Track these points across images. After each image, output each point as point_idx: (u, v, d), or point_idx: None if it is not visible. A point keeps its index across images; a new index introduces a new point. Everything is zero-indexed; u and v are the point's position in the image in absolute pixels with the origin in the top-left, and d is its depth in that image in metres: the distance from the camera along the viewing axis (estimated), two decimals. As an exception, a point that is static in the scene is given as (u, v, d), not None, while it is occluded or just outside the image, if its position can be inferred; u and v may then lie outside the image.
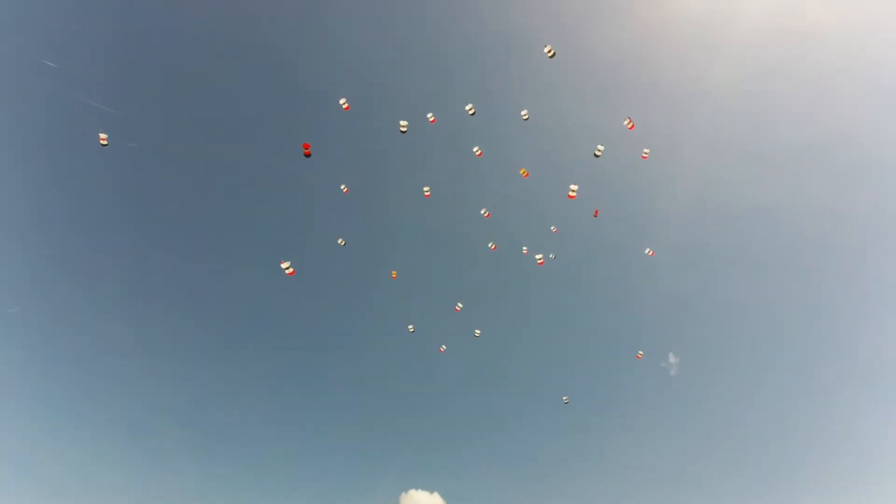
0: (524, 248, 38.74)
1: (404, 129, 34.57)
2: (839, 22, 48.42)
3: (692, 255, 64.44)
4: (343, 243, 38.13)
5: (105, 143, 32.12)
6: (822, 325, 63.71)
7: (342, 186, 36.68)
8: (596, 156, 34.21)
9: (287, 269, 33.81)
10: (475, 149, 36.51)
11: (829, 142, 54.00)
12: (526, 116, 35.40)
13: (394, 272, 40.44)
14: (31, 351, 53.19)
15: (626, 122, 33.96)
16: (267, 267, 58.12)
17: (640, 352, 44.73)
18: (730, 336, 67.17)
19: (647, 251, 39.01)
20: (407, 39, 54.42)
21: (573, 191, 34.47)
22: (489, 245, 39.55)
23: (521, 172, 37.12)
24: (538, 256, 37.82)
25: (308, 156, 33.84)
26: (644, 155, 35.51)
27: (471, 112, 35.35)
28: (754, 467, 59.16)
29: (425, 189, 37.08)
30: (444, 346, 42.83)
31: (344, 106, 34.77)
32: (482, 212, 38.66)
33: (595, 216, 37.66)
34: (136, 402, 57.27)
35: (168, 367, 60.10)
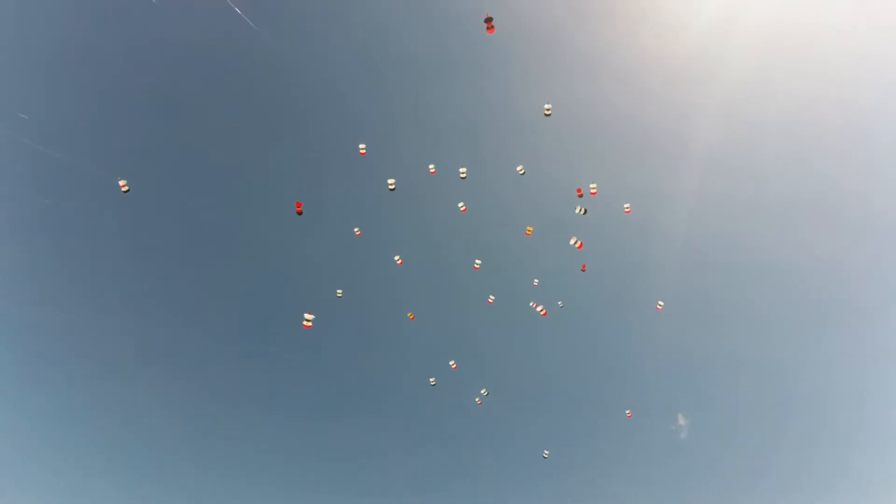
0: (532, 302, 37.98)
1: (392, 187, 35.23)
2: (833, 75, 49.74)
3: (694, 310, 63.43)
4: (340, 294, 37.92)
5: (126, 189, 32.51)
6: (829, 383, 61.81)
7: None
8: (583, 213, 34.70)
9: (307, 321, 33.31)
10: (460, 204, 36.96)
11: (830, 195, 54.60)
12: (522, 172, 36.28)
13: (411, 314, 39.82)
14: (30, 352, 53.32)
15: (591, 186, 34.28)
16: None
17: (628, 411, 42.51)
18: (740, 395, 64.55)
19: (657, 305, 37.99)
20: (404, 96, 56.64)
21: (581, 210, 34.51)
22: (488, 298, 38.89)
23: (527, 230, 37.07)
24: (539, 308, 37.17)
25: (300, 213, 34.43)
26: (627, 209, 35.73)
27: (462, 176, 35.99)
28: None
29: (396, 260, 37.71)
30: (454, 363, 40.70)
31: (361, 151, 35.72)
32: (476, 262, 38.53)
33: (583, 270, 37.59)
34: (136, 403, 56.70)
35: (172, 372, 58.86)
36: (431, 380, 39.58)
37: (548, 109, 33.66)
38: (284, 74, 50.79)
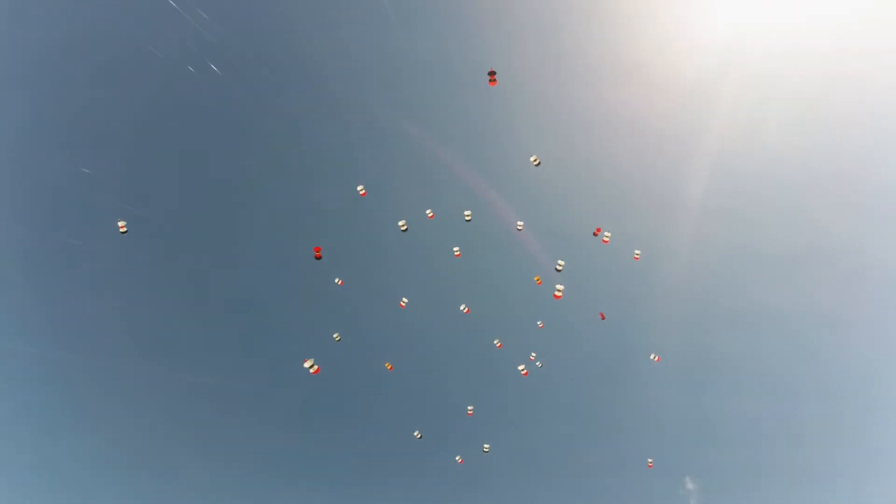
0: (532, 354, 37.39)
1: (404, 228, 35.73)
2: (827, 125, 50.84)
3: (697, 364, 62.02)
4: (338, 338, 37.35)
5: (124, 230, 32.90)
6: (839, 442, 59.49)
7: (336, 280, 36.88)
8: (557, 270, 34.90)
9: (311, 367, 31.63)
10: (455, 249, 37.29)
11: (831, 246, 54.83)
12: (520, 227, 37.23)
13: (388, 364, 38.80)
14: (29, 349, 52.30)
15: (598, 233, 34.84)
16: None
17: (650, 460, 42.80)
18: (750, 457, 61.81)
19: (652, 356, 36.84)
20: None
21: (559, 290, 34.58)
22: (495, 342, 38.10)
23: (536, 280, 37.32)
24: (521, 367, 36.42)
25: (319, 258, 34.29)
26: (636, 256, 36.31)
27: (468, 218, 36.76)
28: None
29: (402, 301, 37.22)
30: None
31: (361, 192, 36.24)
32: (462, 308, 38.29)
33: (602, 318, 37.66)
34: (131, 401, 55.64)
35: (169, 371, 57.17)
36: (417, 433, 38.28)
37: (535, 160, 34.61)
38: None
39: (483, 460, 39.03)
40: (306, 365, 30.74)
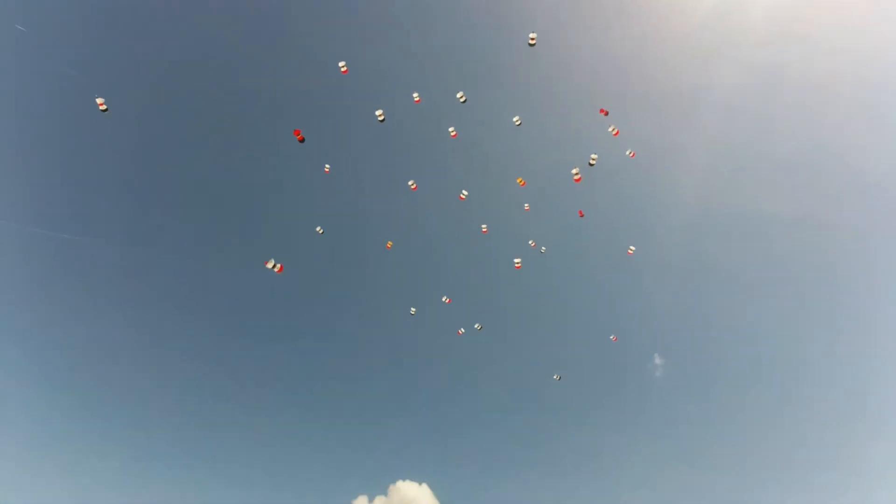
0: (531, 241, 37.90)
1: (381, 118, 34.03)
2: (841, 28, 47.38)
3: (687, 262, 63.38)
4: (322, 231, 37.28)
5: (104, 108, 31.10)
6: (808, 337, 62.88)
7: (325, 167, 36.64)
8: (591, 164, 34.10)
9: (273, 267, 31.08)
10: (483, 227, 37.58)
11: (830, 149, 52.37)
12: (518, 122, 35.32)
13: (389, 243, 39.08)
14: (26, 348, 53.69)
15: (610, 129, 33.63)
16: (254, 260, 58.22)
17: (614, 336, 47.32)
18: (718, 342, 66.37)
19: (628, 250, 37.79)
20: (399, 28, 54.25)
21: (576, 173, 34.28)
22: (481, 227, 38.72)
23: (518, 181, 36.69)
24: (516, 260, 37.25)
25: (301, 141, 33.16)
26: (631, 154, 35.12)
27: (462, 99, 34.87)
28: (741, 468, 59.31)
29: (410, 183, 36.48)
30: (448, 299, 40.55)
31: (343, 69, 33.68)
32: (482, 227, 38.38)
33: (580, 216, 37.85)
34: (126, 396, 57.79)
35: (159, 360, 60.90)
36: (412, 309, 39.11)
37: (532, 38, 31.87)
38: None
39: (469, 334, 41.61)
40: (268, 266, 30.77)
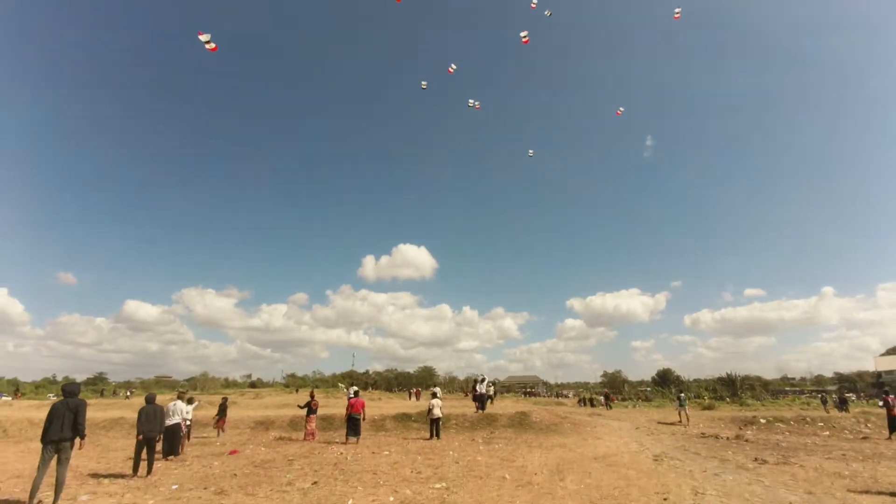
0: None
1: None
2: None
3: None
4: None
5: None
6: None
7: None
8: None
9: (207, 43, 23.46)
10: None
11: None
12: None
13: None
14: None
15: None
16: None
17: (621, 108, 49.02)
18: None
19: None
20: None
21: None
22: None
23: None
24: (523, 34, 24.99)
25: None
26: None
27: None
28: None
29: None
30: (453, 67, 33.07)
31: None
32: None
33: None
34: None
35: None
36: (423, 83, 34.90)
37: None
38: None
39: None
40: (202, 38, 22.98)
